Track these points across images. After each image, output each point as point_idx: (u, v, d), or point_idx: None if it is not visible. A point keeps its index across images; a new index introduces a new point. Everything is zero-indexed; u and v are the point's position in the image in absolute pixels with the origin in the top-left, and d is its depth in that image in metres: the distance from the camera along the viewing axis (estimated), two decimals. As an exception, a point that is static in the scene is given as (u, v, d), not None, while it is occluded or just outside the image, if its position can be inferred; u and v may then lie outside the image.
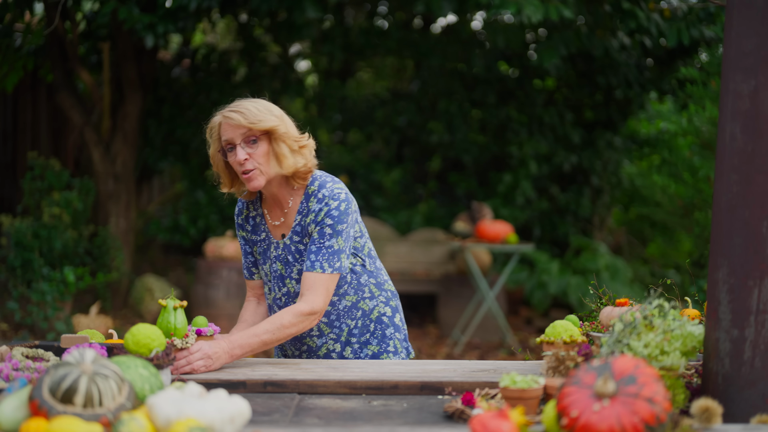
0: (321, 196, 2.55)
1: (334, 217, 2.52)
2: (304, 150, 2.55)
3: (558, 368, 2.04)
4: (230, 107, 2.53)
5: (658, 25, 6.87)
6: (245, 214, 2.72)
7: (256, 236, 2.69)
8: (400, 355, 2.75)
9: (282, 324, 2.44)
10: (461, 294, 7.66)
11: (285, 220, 2.63)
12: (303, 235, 2.58)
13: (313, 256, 2.51)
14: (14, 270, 6.42)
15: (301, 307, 2.47)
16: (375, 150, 9.91)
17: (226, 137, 2.52)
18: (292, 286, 2.62)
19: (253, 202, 2.70)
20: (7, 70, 6.51)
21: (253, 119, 2.48)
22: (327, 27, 8.61)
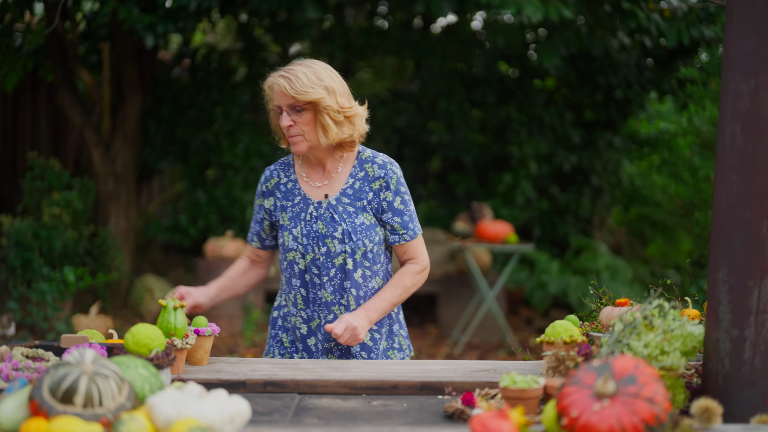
0: (381, 162, 2.66)
1: (403, 183, 2.66)
2: (353, 119, 2.60)
3: (558, 368, 2.04)
4: (283, 70, 2.57)
5: (658, 25, 6.86)
6: (276, 181, 2.72)
7: (288, 201, 2.68)
8: (405, 353, 2.76)
9: (405, 286, 2.65)
10: (461, 294, 7.66)
11: (330, 183, 2.65)
12: (356, 198, 2.63)
13: (411, 224, 2.66)
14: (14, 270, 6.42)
15: (415, 267, 2.68)
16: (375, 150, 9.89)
17: (276, 101, 2.58)
18: (334, 246, 2.60)
19: (285, 169, 2.72)
20: (7, 70, 6.51)
21: (299, 89, 2.51)
22: (327, 27, 8.61)
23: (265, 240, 2.78)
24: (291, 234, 2.64)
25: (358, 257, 2.61)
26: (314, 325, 2.68)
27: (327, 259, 2.61)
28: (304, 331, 2.70)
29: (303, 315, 2.68)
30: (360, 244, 2.60)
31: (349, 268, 2.61)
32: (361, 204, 2.63)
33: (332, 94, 2.55)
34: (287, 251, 2.66)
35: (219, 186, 8.15)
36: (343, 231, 2.60)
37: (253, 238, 2.79)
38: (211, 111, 8.10)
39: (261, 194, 2.74)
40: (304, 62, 2.59)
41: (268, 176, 2.74)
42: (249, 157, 8.12)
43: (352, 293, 2.63)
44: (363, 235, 2.61)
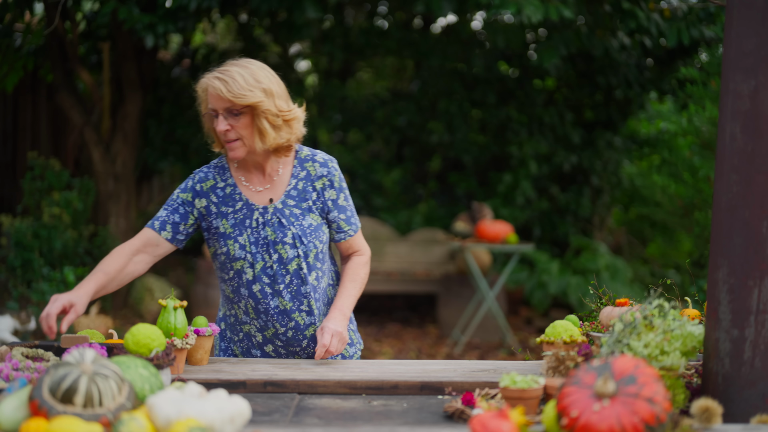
0: (321, 160, 2.59)
1: (342, 177, 2.61)
2: (291, 123, 2.48)
3: (558, 368, 2.04)
4: (219, 71, 2.44)
5: (658, 25, 6.86)
6: (211, 184, 2.55)
7: (228, 207, 2.53)
8: (356, 347, 2.73)
9: (362, 278, 2.65)
10: (461, 294, 7.66)
11: (272, 186, 2.54)
12: (301, 199, 2.54)
13: (353, 219, 2.63)
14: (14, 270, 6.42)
15: (363, 258, 2.68)
16: (375, 150, 9.91)
17: (211, 104, 2.45)
18: (285, 251, 2.50)
19: (221, 172, 2.57)
20: (7, 70, 6.51)
21: (236, 92, 2.39)
22: (327, 27, 8.61)
23: (179, 234, 2.54)
24: (237, 242, 2.51)
25: (311, 260, 2.53)
26: (269, 333, 2.58)
27: (280, 266, 2.51)
28: (259, 339, 2.60)
29: (256, 324, 2.58)
30: (311, 246, 2.52)
31: (304, 273, 2.53)
32: (306, 205, 2.54)
33: (270, 96, 2.43)
34: (233, 260, 2.52)
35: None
36: (293, 235, 2.50)
37: (165, 226, 2.53)
38: (211, 111, 8.09)
39: (192, 191, 2.55)
40: (239, 62, 2.47)
41: (202, 177, 2.57)
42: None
43: (312, 296, 2.55)
44: (313, 236, 2.53)
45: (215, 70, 2.45)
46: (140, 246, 2.52)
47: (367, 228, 8.12)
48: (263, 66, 2.49)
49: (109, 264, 2.46)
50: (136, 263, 2.51)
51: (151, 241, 2.53)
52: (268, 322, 2.56)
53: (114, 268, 2.45)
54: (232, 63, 2.47)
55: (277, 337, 2.58)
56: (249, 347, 2.63)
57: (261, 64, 2.50)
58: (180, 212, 2.54)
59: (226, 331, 2.69)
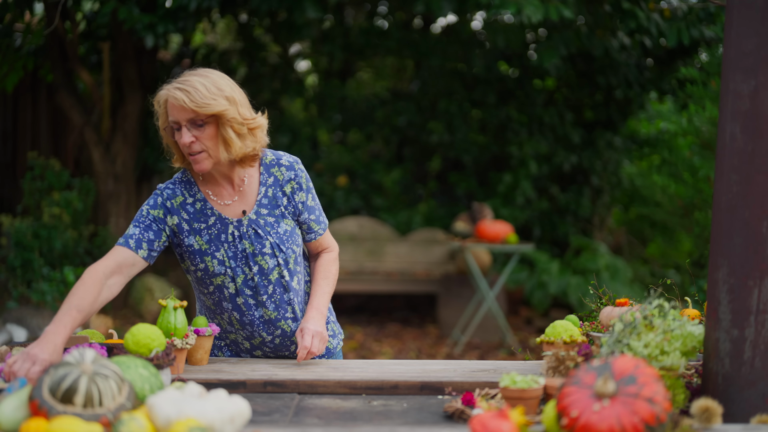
0: (286, 163, 2.52)
1: (309, 178, 2.58)
2: (255, 131, 2.42)
3: (558, 368, 2.04)
4: (178, 82, 2.36)
5: (658, 25, 6.87)
6: (181, 200, 2.46)
7: (201, 223, 2.45)
8: (338, 338, 2.73)
9: (334, 274, 2.62)
10: (461, 294, 7.66)
11: (241, 197, 2.48)
12: (273, 206, 2.49)
13: (321, 218, 2.61)
14: (14, 270, 6.42)
15: (332, 254, 2.65)
16: (375, 150, 9.91)
17: (172, 117, 2.36)
18: (265, 262, 2.46)
19: (188, 187, 2.48)
20: (7, 70, 6.51)
21: (199, 102, 2.31)
22: (327, 27, 8.61)
23: (153, 252, 2.42)
24: (215, 258, 2.44)
25: (291, 266, 2.50)
26: (257, 342, 2.56)
27: (262, 277, 2.46)
28: (247, 345, 2.58)
29: (242, 333, 2.55)
30: (290, 252, 2.49)
31: (287, 280, 2.50)
32: (279, 211, 2.49)
33: (234, 104, 2.36)
34: (213, 276, 2.46)
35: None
36: (272, 244, 2.46)
37: (141, 244, 2.40)
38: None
39: (163, 207, 2.45)
40: (198, 72, 2.39)
41: (170, 194, 2.47)
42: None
43: (295, 302, 2.54)
44: (290, 242, 2.49)
45: (174, 81, 2.38)
46: (115, 267, 2.35)
47: (367, 228, 8.12)
48: (223, 75, 2.42)
49: (83, 298, 2.22)
50: (110, 287, 2.33)
51: (127, 261, 2.38)
52: (254, 332, 2.53)
53: (87, 303, 2.22)
54: (191, 73, 2.39)
55: (264, 345, 2.58)
56: (238, 352, 2.63)
57: (220, 73, 2.43)
58: (153, 229, 2.43)
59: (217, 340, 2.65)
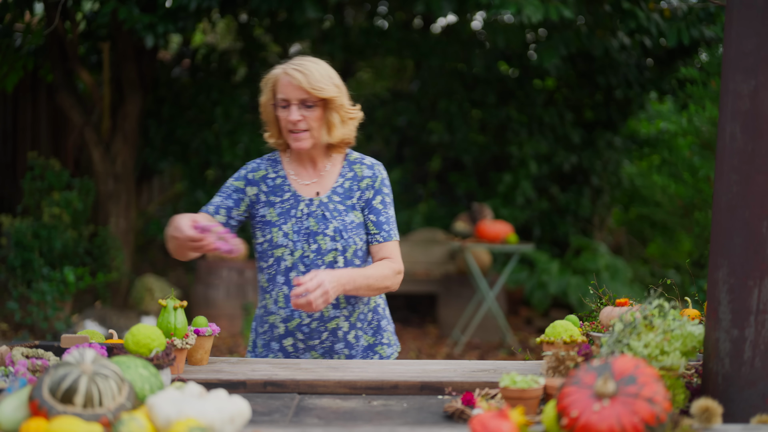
0: (369, 163, 2.66)
1: (387, 185, 2.66)
2: (352, 121, 2.61)
3: (558, 368, 2.04)
4: (293, 64, 2.53)
5: (658, 25, 6.87)
6: (263, 174, 2.65)
7: (277, 197, 2.62)
8: (393, 348, 2.75)
9: (384, 274, 2.54)
10: (461, 294, 7.66)
11: (320, 180, 2.64)
12: (346, 197, 2.62)
13: (386, 226, 2.63)
14: (14, 270, 6.42)
15: (395, 265, 2.59)
16: (375, 150, 9.90)
17: (283, 94, 2.53)
18: (325, 242, 2.57)
19: (273, 164, 2.66)
20: (7, 70, 6.51)
21: (315, 85, 2.49)
22: (327, 27, 8.61)
23: (232, 220, 2.62)
24: (281, 230, 2.59)
25: (349, 255, 2.59)
26: (293, 325, 2.62)
27: (317, 256, 2.57)
28: (281, 330, 2.65)
29: (282, 314, 2.62)
30: (351, 242, 2.58)
31: (339, 266, 2.58)
32: (350, 202, 2.62)
33: (342, 92, 2.57)
34: (275, 248, 2.59)
35: (219, 186, 8.15)
36: (335, 228, 2.58)
37: (219, 210, 2.60)
38: (211, 111, 8.10)
39: (244, 179, 2.64)
40: (310, 58, 2.57)
41: (255, 167, 2.67)
42: (249, 157, 8.13)
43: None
44: (353, 233, 2.59)
45: (289, 63, 2.55)
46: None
47: (367, 228, 8.11)
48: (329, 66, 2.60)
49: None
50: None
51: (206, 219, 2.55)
52: (295, 311, 2.60)
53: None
54: (304, 58, 2.57)
55: (299, 329, 2.62)
56: (269, 340, 2.68)
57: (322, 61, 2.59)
58: (233, 198, 2.62)
59: (257, 326, 2.75)
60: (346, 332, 2.65)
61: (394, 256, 2.62)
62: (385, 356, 2.74)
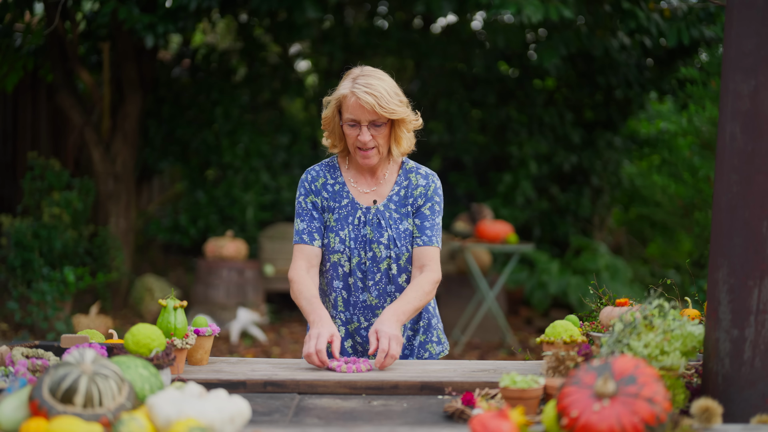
0: (424, 173, 2.72)
1: (439, 194, 2.71)
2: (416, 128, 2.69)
3: (558, 368, 2.04)
4: (364, 85, 2.53)
5: (658, 25, 6.87)
6: (323, 181, 2.69)
7: (336, 203, 2.67)
8: (443, 345, 2.80)
9: (425, 291, 2.60)
10: (461, 294, 7.66)
11: (377, 189, 2.68)
12: (401, 204, 2.67)
13: (429, 232, 2.67)
14: (14, 270, 6.42)
15: (433, 276, 2.64)
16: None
17: (352, 115, 2.55)
18: (380, 251, 2.63)
19: (332, 171, 2.71)
20: (7, 70, 6.51)
21: (386, 107, 2.53)
22: (327, 27, 8.61)
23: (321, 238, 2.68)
24: (338, 236, 2.65)
25: (402, 263, 2.65)
26: (352, 327, 2.69)
27: (373, 263, 2.64)
28: (342, 333, 2.70)
29: (342, 317, 2.69)
30: (404, 249, 2.65)
31: (393, 273, 2.65)
32: (405, 210, 2.67)
33: (408, 107, 2.62)
34: (332, 253, 2.65)
35: (219, 186, 8.15)
36: (389, 237, 2.63)
37: (314, 236, 2.66)
38: (211, 111, 8.10)
39: (309, 192, 2.69)
40: (373, 74, 2.58)
41: (314, 176, 2.70)
42: (249, 157, 8.12)
43: (396, 297, 2.65)
44: (407, 240, 2.65)
45: (356, 82, 2.54)
46: (307, 263, 2.65)
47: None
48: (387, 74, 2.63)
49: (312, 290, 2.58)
50: (312, 278, 2.65)
51: (312, 254, 2.66)
52: (354, 315, 2.67)
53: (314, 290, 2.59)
54: (366, 74, 2.57)
55: (358, 333, 2.68)
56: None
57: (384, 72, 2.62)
58: (315, 217, 2.68)
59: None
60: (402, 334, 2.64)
61: (432, 262, 2.66)
62: (434, 354, 2.77)
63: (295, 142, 8.57)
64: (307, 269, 2.64)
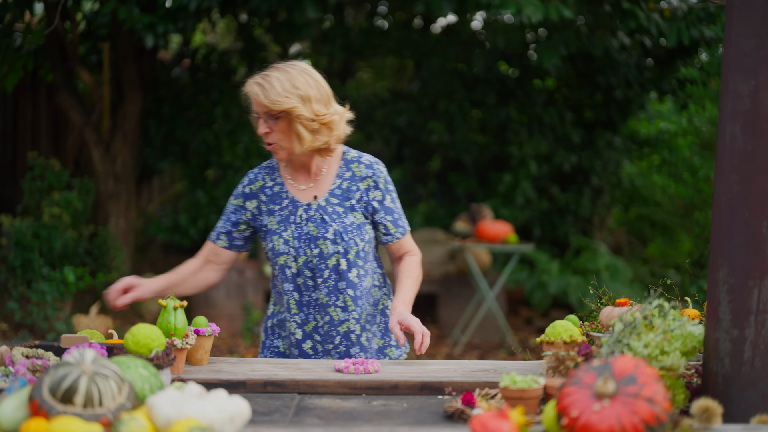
0: (367, 162, 2.67)
1: (390, 181, 2.69)
2: (330, 125, 2.56)
3: (558, 368, 2.04)
4: (260, 76, 2.54)
5: (658, 25, 6.86)
6: (260, 184, 2.68)
7: (275, 205, 2.65)
8: (402, 349, 2.77)
9: (418, 276, 2.70)
10: (461, 294, 7.66)
11: (316, 184, 2.64)
12: (344, 198, 2.63)
13: (400, 222, 2.69)
14: (14, 270, 6.42)
15: (418, 258, 2.74)
16: (375, 150, 9.90)
17: (253, 107, 2.56)
18: (326, 246, 2.60)
19: (270, 172, 2.69)
20: (7, 70, 6.51)
21: (272, 98, 2.49)
22: (327, 27, 8.60)
23: (234, 240, 2.70)
24: (281, 238, 2.61)
25: (351, 257, 2.61)
26: (309, 328, 2.66)
27: (320, 260, 2.60)
28: (299, 335, 2.67)
29: (297, 319, 2.66)
30: (352, 243, 2.60)
31: (343, 269, 2.61)
32: (349, 204, 2.63)
33: (307, 102, 2.51)
34: (278, 255, 2.62)
35: (219, 186, 8.15)
36: (335, 231, 2.60)
37: (220, 236, 2.70)
38: (211, 111, 8.10)
39: (242, 195, 2.69)
40: (281, 67, 2.55)
41: (252, 179, 2.69)
42: (249, 157, 8.12)
43: (348, 293, 2.63)
44: (354, 234, 2.61)
45: (258, 74, 2.56)
46: (206, 256, 2.72)
47: (367, 228, 8.11)
48: (304, 70, 2.56)
49: (181, 267, 2.70)
50: (207, 271, 2.72)
51: (212, 251, 2.71)
52: (309, 314, 2.65)
53: (185, 270, 2.69)
54: (275, 67, 2.56)
55: (316, 332, 2.66)
56: (290, 346, 2.71)
57: (303, 67, 2.57)
58: (232, 220, 2.69)
59: (274, 327, 2.77)
60: (359, 335, 2.67)
61: (412, 247, 2.74)
62: (393, 358, 2.75)
63: (295, 142, 8.57)
64: (204, 262, 2.71)
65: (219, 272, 2.72)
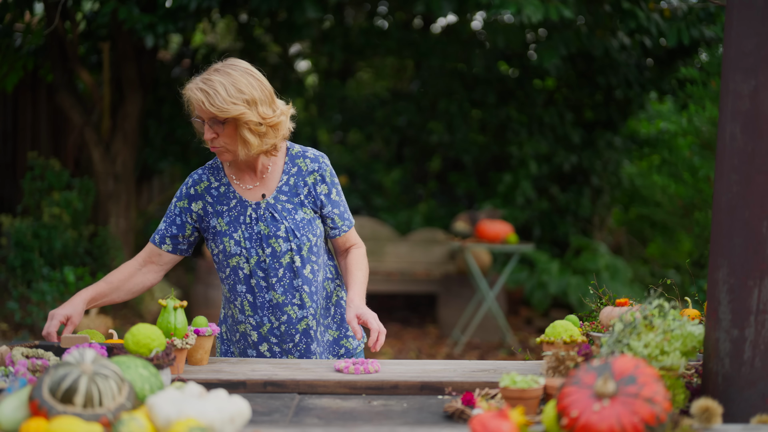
0: (312, 156, 2.63)
1: (334, 174, 2.65)
2: (277, 126, 2.50)
3: (558, 368, 2.04)
4: (201, 80, 2.44)
5: (658, 25, 6.86)
6: (205, 185, 2.61)
7: (224, 206, 2.59)
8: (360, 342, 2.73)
9: (366, 267, 2.68)
10: (461, 294, 7.66)
11: (263, 183, 2.59)
12: (293, 194, 2.59)
13: (346, 215, 2.67)
14: (14, 270, 6.42)
15: (363, 250, 2.72)
16: (375, 150, 9.90)
17: (196, 112, 2.48)
18: (279, 245, 2.55)
19: (215, 173, 2.62)
20: (7, 70, 6.51)
21: (219, 105, 2.40)
22: (327, 27, 8.61)
23: (180, 244, 2.64)
24: (232, 239, 2.56)
25: (304, 253, 2.58)
26: (264, 330, 2.61)
27: (273, 259, 2.56)
28: (254, 338, 2.62)
29: (252, 321, 2.61)
30: (304, 239, 2.57)
31: (297, 266, 2.57)
32: (298, 200, 2.58)
33: (253, 106, 2.44)
34: (230, 257, 2.58)
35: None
36: (286, 229, 2.55)
37: (165, 240, 2.62)
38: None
39: (187, 197, 2.61)
40: (222, 68, 2.46)
41: (196, 179, 2.62)
42: (249, 157, 8.11)
43: (304, 290, 2.59)
44: (306, 230, 2.57)
45: (198, 78, 2.46)
46: (146, 257, 2.64)
47: (367, 228, 8.12)
48: (246, 70, 2.48)
49: (113, 274, 2.60)
50: (146, 273, 2.64)
51: (154, 252, 2.65)
52: (264, 317, 2.60)
53: (117, 278, 2.59)
54: (215, 69, 2.46)
55: (272, 333, 2.61)
56: (245, 347, 2.66)
57: (244, 67, 2.49)
58: (177, 223, 2.63)
59: (226, 332, 2.72)
60: (316, 330, 2.64)
61: (357, 239, 2.73)
62: (351, 348, 2.72)
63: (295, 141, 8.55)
64: (142, 264, 2.63)
65: (159, 273, 2.65)
